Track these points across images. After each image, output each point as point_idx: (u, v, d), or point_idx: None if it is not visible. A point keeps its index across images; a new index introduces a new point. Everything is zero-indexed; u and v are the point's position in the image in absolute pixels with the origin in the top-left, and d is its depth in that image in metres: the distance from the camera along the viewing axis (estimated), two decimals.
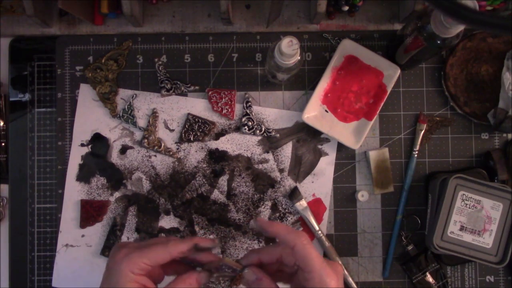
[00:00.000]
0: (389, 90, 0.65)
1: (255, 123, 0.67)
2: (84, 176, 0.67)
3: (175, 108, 0.67)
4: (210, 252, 0.48)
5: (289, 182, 0.67)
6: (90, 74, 0.67)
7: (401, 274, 0.67)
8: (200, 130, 0.67)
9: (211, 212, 0.67)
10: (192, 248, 0.46)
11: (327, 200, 0.67)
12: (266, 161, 0.67)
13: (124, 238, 0.66)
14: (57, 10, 0.68)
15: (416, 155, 0.67)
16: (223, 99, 0.67)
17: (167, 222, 0.67)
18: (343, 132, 0.66)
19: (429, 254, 0.66)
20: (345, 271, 0.66)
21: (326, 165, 0.67)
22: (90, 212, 0.66)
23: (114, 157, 0.67)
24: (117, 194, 0.67)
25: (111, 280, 0.45)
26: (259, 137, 0.67)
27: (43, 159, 0.67)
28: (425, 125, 0.67)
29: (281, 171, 0.67)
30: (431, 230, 0.62)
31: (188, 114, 0.67)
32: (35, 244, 0.67)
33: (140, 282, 0.44)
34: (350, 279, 0.66)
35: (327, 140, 0.68)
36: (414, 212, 0.68)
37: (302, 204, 0.66)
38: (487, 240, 0.61)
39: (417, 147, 0.67)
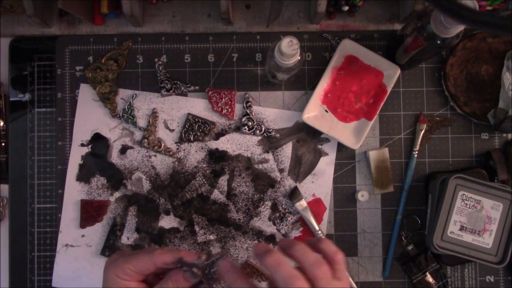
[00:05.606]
0: (389, 90, 0.65)
1: (255, 123, 0.67)
2: (84, 176, 0.67)
3: (175, 108, 0.67)
4: (192, 253, 0.48)
5: (289, 182, 0.67)
6: (90, 74, 0.67)
7: (401, 274, 0.67)
8: (200, 130, 0.67)
9: (211, 212, 0.67)
10: (176, 261, 0.46)
11: (327, 200, 0.67)
12: (266, 161, 0.67)
13: (124, 238, 0.66)
14: (57, 10, 0.68)
15: (416, 155, 0.67)
16: (223, 99, 0.67)
17: (167, 222, 0.67)
18: (343, 132, 0.66)
19: (429, 254, 0.66)
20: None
21: (326, 165, 0.67)
22: (90, 212, 0.66)
23: (114, 157, 0.67)
24: (117, 194, 0.67)
25: (103, 284, 0.48)
26: (259, 137, 0.67)
27: (43, 159, 0.67)
28: (425, 125, 0.67)
29: (281, 171, 0.67)
30: (431, 230, 0.62)
31: (188, 114, 0.67)
32: (35, 244, 0.67)
33: (128, 285, 0.46)
34: (350, 279, 0.66)
35: (327, 140, 0.68)
36: (414, 212, 0.67)
37: (302, 204, 0.66)
38: (487, 240, 0.61)
39: (417, 147, 0.67)
